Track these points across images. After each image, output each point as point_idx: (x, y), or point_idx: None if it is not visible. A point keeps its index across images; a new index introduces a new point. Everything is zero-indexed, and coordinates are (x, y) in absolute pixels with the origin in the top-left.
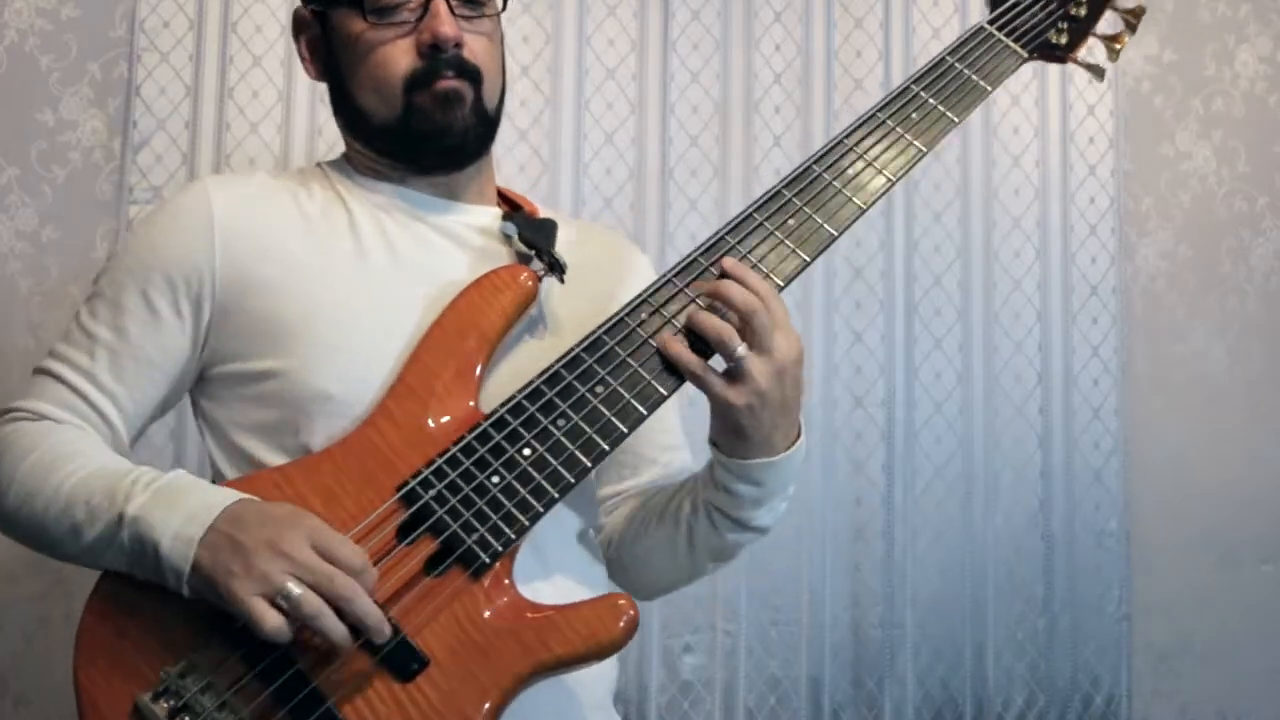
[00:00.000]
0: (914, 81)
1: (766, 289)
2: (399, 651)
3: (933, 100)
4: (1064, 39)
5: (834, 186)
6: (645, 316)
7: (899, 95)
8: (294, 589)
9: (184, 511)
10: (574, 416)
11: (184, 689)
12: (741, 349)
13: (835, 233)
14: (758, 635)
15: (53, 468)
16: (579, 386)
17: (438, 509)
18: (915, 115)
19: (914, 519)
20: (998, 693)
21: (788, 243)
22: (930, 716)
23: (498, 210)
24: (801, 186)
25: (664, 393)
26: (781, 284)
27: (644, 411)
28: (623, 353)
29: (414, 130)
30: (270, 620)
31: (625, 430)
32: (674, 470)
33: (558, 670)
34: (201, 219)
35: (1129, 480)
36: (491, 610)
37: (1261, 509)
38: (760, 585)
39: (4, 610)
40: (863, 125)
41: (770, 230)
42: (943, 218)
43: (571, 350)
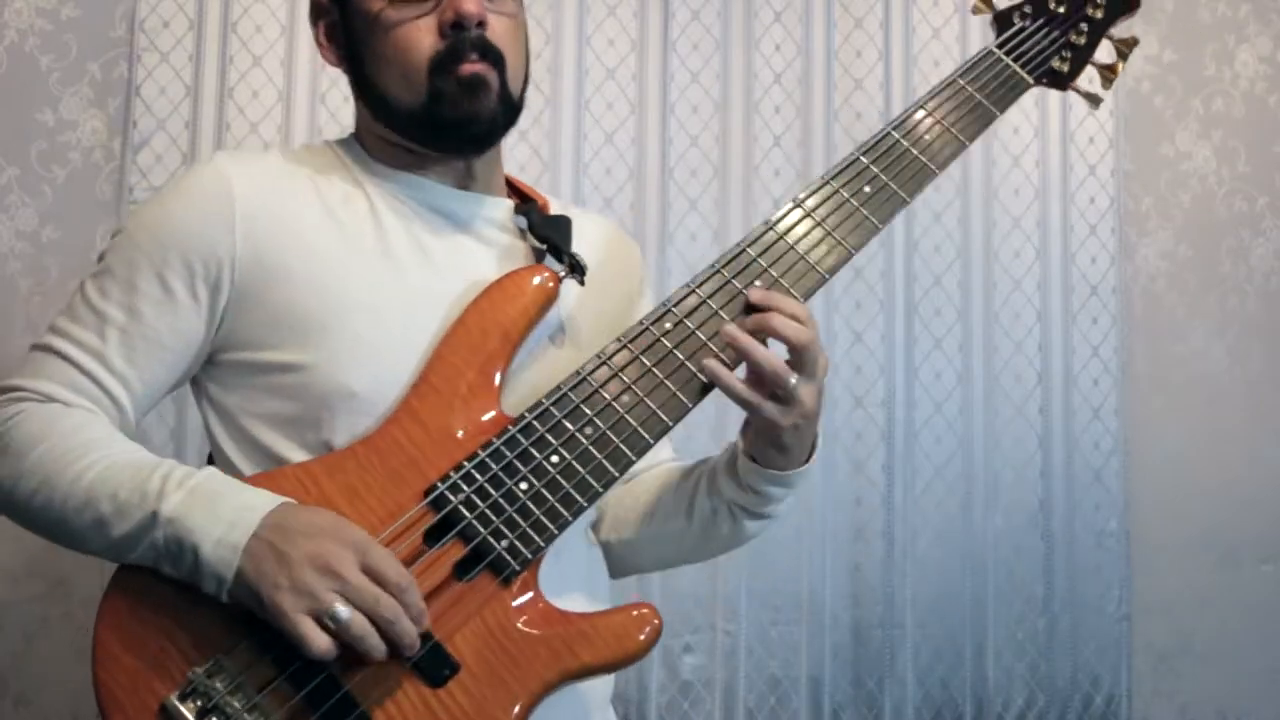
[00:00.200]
0: (920, 107)
1: (806, 313)
2: (431, 657)
3: (937, 129)
4: (1066, 67)
5: (852, 203)
6: (670, 326)
7: (902, 125)
8: (343, 612)
9: (225, 517)
10: (601, 425)
11: (213, 690)
12: (794, 379)
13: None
14: (758, 635)
15: (69, 457)
16: (605, 395)
17: (467, 514)
18: (928, 137)
19: (914, 519)
20: (998, 693)
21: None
22: (930, 716)
23: (510, 202)
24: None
25: (689, 405)
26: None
27: (669, 423)
28: (649, 363)
29: (441, 118)
30: (320, 642)
31: (651, 441)
32: (660, 458)
33: (583, 677)
34: (222, 201)
35: (1129, 480)
36: (520, 617)
37: (1261, 509)
38: (760, 585)
39: (4, 610)
40: (874, 147)
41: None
42: (943, 218)
43: (598, 356)
